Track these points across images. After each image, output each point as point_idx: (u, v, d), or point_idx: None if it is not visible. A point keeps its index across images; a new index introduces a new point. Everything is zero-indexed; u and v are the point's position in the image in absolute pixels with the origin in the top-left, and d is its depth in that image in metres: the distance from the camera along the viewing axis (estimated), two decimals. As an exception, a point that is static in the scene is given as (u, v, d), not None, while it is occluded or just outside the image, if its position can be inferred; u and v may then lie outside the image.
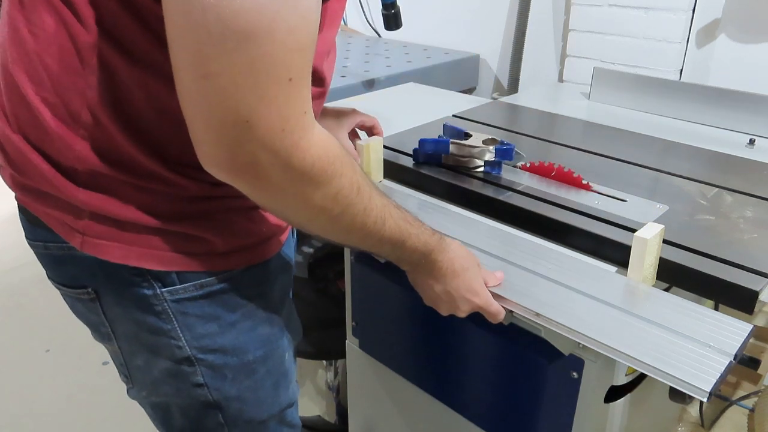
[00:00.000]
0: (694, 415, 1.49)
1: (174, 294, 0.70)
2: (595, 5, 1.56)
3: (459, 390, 1.03)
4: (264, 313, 0.77)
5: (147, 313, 0.71)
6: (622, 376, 0.86)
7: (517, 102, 1.52)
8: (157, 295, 0.70)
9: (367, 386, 1.24)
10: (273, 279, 0.78)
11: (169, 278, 0.69)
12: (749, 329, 0.70)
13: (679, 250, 0.82)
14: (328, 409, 1.56)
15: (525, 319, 0.77)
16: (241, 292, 0.74)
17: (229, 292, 0.72)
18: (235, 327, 0.74)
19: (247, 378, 0.78)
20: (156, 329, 0.72)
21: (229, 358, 0.75)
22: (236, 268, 0.72)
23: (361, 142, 1.08)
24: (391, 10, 1.52)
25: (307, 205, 0.60)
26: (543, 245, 0.90)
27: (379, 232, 0.66)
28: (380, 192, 0.67)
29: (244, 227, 0.72)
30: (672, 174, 1.06)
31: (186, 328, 0.72)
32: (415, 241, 0.70)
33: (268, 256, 0.76)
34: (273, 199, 0.60)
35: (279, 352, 0.81)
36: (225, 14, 0.47)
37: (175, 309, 0.71)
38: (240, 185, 0.57)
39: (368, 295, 1.14)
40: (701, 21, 1.45)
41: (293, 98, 0.52)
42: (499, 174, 1.04)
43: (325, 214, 0.61)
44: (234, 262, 0.72)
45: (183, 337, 0.72)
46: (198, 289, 0.71)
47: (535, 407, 0.90)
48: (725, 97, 1.31)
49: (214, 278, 0.71)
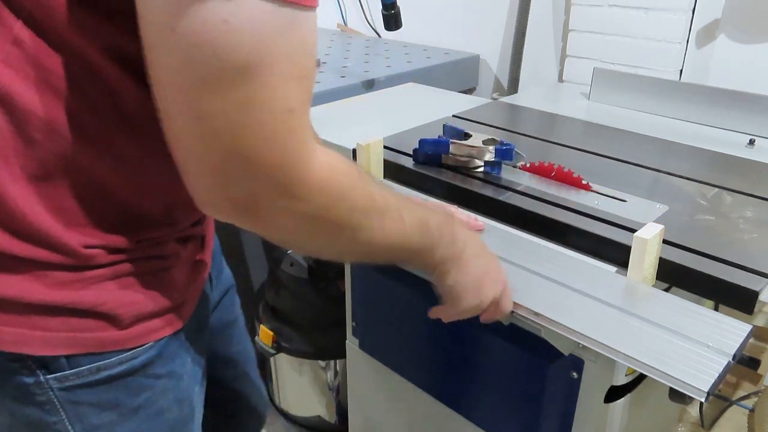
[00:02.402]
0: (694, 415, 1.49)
1: (62, 381, 0.59)
2: (595, 5, 1.56)
3: (459, 390, 1.03)
4: (173, 394, 0.67)
5: (26, 404, 0.59)
6: (622, 376, 0.86)
7: (517, 102, 1.52)
8: (39, 384, 0.58)
9: (367, 386, 1.24)
10: (184, 352, 0.68)
11: (56, 363, 0.58)
12: (748, 329, 0.70)
13: (679, 250, 0.82)
14: (328, 409, 1.56)
15: (525, 319, 0.77)
16: (147, 373, 0.63)
17: (133, 374, 0.62)
18: (138, 413, 0.64)
19: None
20: (37, 423, 0.61)
21: None
22: (140, 345, 0.61)
23: (361, 142, 1.08)
24: (391, 11, 1.52)
25: (319, 231, 0.54)
26: (543, 245, 0.90)
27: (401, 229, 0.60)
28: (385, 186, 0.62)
29: (149, 297, 0.61)
30: (672, 174, 1.06)
31: (77, 419, 0.61)
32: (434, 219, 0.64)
33: (180, 325, 0.65)
34: (282, 233, 0.54)
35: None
36: (221, 49, 0.43)
37: (63, 398, 0.59)
38: (244, 225, 0.52)
39: (368, 295, 1.14)
40: (701, 21, 1.45)
41: (295, 129, 0.48)
42: (499, 174, 1.04)
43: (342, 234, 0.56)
44: (137, 338, 0.61)
45: (72, 429, 0.61)
46: (94, 374, 0.59)
47: (535, 407, 0.90)
48: (725, 97, 1.31)
49: (115, 359, 0.60)
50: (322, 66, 1.81)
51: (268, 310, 1.51)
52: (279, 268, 1.46)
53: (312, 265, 1.44)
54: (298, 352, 1.48)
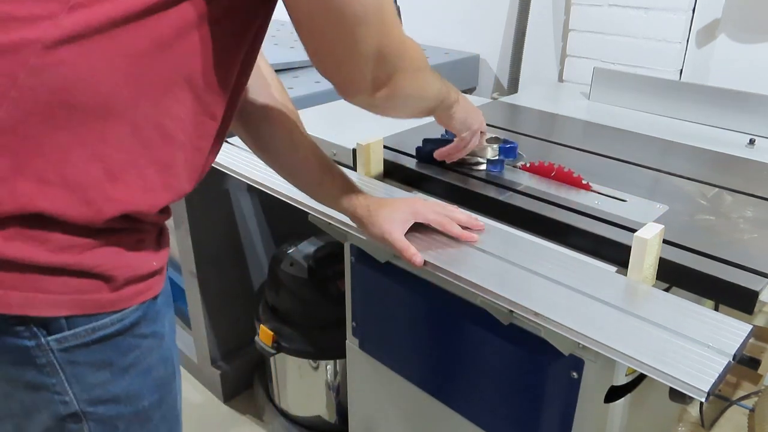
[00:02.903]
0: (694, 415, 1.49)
1: (62, 342, 0.62)
2: (595, 5, 1.56)
3: (459, 390, 1.03)
4: (158, 352, 0.72)
5: (25, 367, 0.62)
6: (622, 376, 0.86)
7: (517, 102, 1.52)
8: (40, 346, 0.62)
9: (367, 386, 1.24)
10: (163, 316, 0.73)
11: (56, 325, 0.61)
12: (748, 330, 0.70)
13: (679, 250, 0.82)
14: (328, 409, 1.56)
15: (525, 319, 0.77)
16: (135, 333, 0.68)
17: (123, 333, 0.66)
18: (129, 372, 0.68)
19: (141, 428, 0.72)
20: (35, 385, 0.64)
21: (122, 407, 0.69)
22: (129, 306, 0.66)
23: (361, 142, 1.08)
24: (391, 10, 1.52)
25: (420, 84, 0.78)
26: (543, 245, 0.90)
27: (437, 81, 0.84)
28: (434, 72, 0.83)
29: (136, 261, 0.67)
30: (672, 174, 1.06)
31: (75, 379, 0.64)
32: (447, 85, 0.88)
33: (158, 291, 0.70)
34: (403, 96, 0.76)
35: (172, 395, 0.76)
36: None
37: (62, 359, 0.63)
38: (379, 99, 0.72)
39: (368, 295, 1.14)
40: (701, 21, 1.45)
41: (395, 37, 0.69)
42: (501, 173, 1.04)
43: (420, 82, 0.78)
44: (127, 299, 0.66)
45: (71, 390, 0.65)
46: (90, 334, 0.63)
47: (535, 407, 0.90)
48: (725, 97, 1.32)
49: (107, 320, 0.64)
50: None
51: (268, 310, 1.51)
52: (279, 268, 1.46)
53: (312, 265, 1.44)
54: (298, 352, 1.47)
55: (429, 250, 0.86)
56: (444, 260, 0.85)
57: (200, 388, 1.82)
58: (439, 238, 0.89)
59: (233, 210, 1.63)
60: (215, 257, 1.61)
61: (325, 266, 1.44)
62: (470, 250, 0.87)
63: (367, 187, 0.95)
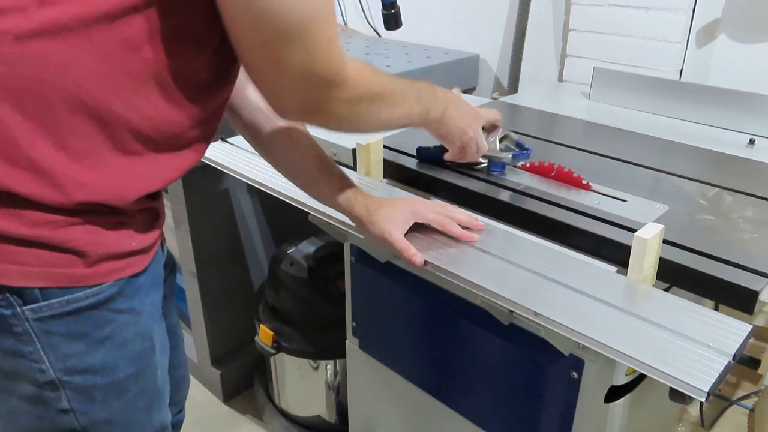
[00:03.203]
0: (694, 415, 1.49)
1: (36, 312, 0.65)
2: (595, 5, 1.56)
3: (459, 390, 1.03)
4: (135, 328, 0.74)
5: (3, 335, 0.66)
6: (622, 376, 0.86)
7: (517, 102, 1.52)
8: (16, 315, 0.65)
9: (367, 386, 1.24)
10: (144, 294, 0.75)
11: (31, 295, 0.65)
12: (749, 329, 0.70)
13: (679, 250, 0.82)
14: (328, 409, 1.56)
15: (525, 319, 0.77)
16: (110, 307, 0.70)
17: (98, 307, 0.69)
18: (104, 344, 0.71)
19: (118, 399, 0.74)
20: (14, 352, 0.67)
21: (98, 378, 0.71)
22: (104, 282, 0.69)
23: (361, 142, 1.08)
24: (391, 10, 1.52)
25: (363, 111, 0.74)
26: (543, 245, 0.90)
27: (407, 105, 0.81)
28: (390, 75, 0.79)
29: (113, 240, 0.69)
30: (672, 174, 1.06)
31: (50, 348, 0.67)
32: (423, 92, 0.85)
33: (138, 270, 0.73)
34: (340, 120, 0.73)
35: (151, 369, 0.78)
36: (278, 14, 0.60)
37: (37, 329, 0.66)
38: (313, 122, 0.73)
39: (368, 295, 1.14)
40: (701, 21, 1.45)
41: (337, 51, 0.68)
42: (501, 173, 1.04)
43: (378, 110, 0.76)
44: (101, 276, 0.69)
45: (46, 358, 0.68)
46: (64, 306, 0.67)
47: (535, 407, 0.90)
48: (725, 97, 1.31)
49: (82, 293, 0.67)
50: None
51: (268, 310, 1.51)
52: (279, 268, 1.46)
53: (312, 265, 1.44)
54: (298, 352, 1.47)
55: (429, 250, 0.86)
56: (444, 260, 0.84)
57: (200, 388, 1.82)
58: (439, 238, 0.89)
59: (233, 210, 1.63)
60: (215, 257, 1.61)
61: (325, 266, 1.44)
62: (470, 250, 0.87)
63: (366, 187, 0.95)
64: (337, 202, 0.89)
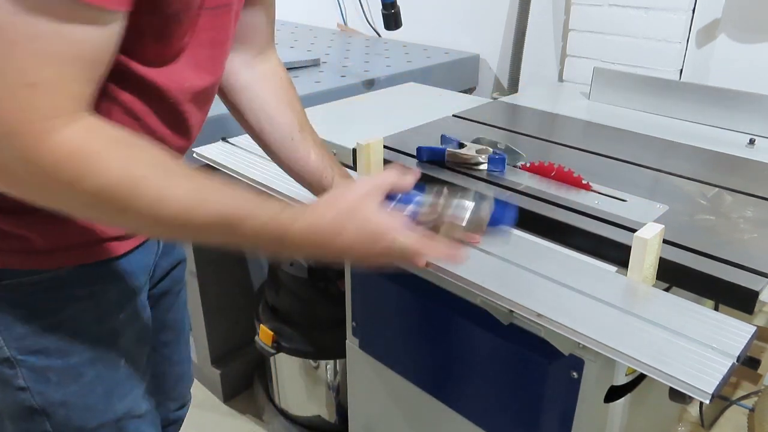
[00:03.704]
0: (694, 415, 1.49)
1: None
2: (595, 5, 1.56)
3: (459, 390, 1.03)
4: (93, 314, 0.74)
5: None
6: (622, 376, 0.86)
7: (517, 102, 1.52)
8: None
9: (367, 386, 1.24)
10: (108, 282, 0.75)
11: None
12: (752, 331, 0.70)
13: (679, 250, 0.82)
14: (328, 409, 1.56)
15: (525, 319, 0.77)
16: (67, 292, 0.71)
17: (54, 290, 0.70)
18: (60, 327, 0.72)
19: (74, 382, 0.74)
20: None
21: (52, 359, 0.72)
22: (62, 266, 0.70)
23: (361, 142, 1.08)
24: (391, 10, 1.52)
25: (71, 205, 0.55)
26: (543, 245, 0.90)
27: (187, 223, 0.57)
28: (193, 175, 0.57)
29: (72, 226, 0.69)
30: (672, 174, 1.06)
31: (4, 327, 0.69)
32: (254, 224, 0.59)
33: (101, 257, 0.73)
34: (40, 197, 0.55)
35: (112, 356, 0.78)
36: None
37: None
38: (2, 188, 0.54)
39: (368, 295, 1.14)
40: (701, 21, 1.45)
41: (34, 104, 0.49)
42: (502, 173, 1.04)
43: (100, 213, 0.56)
44: (59, 260, 0.69)
45: (1, 337, 0.70)
46: (17, 288, 0.68)
47: (535, 407, 0.90)
48: (725, 97, 1.31)
49: (37, 276, 0.68)
50: (321, 66, 1.81)
51: (268, 310, 1.51)
52: (279, 268, 1.46)
53: (312, 265, 1.44)
54: (298, 352, 1.47)
55: (429, 250, 0.86)
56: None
57: (200, 388, 1.82)
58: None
59: (233, 210, 1.63)
60: (215, 257, 1.61)
61: (325, 266, 1.44)
62: (471, 250, 0.87)
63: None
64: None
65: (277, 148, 0.89)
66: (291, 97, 0.89)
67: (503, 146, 1.09)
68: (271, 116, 0.87)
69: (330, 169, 0.88)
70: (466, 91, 1.97)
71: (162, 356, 0.99)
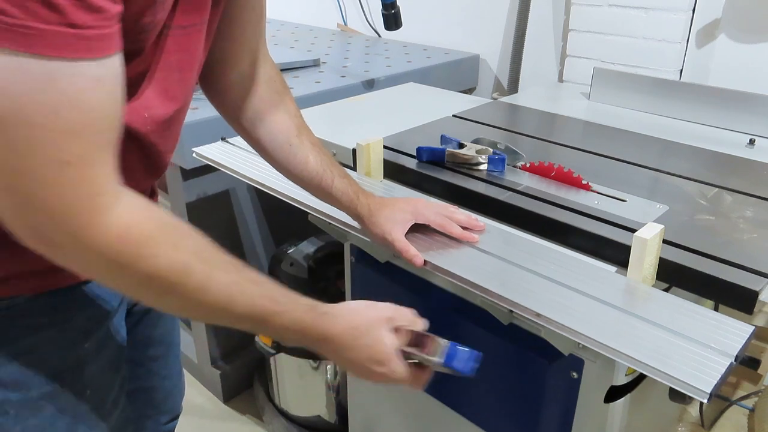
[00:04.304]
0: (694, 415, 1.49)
1: None
2: (595, 5, 1.56)
3: (459, 390, 1.03)
4: (55, 345, 0.70)
5: None
6: (622, 376, 0.86)
7: (517, 102, 1.52)
8: None
9: (367, 386, 1.24)
10: (72, 309, 0.71)
11: None
12: (751, 330, 0.70)
13: (679, 250, 0.82)
14: (328, 409, 1.56)
15: (525, 319, 0.77)
16: (25, 321, 0.67)
17: (11, 320, 0.66)
18: (17, 359, 0.68)
19: (33, 416, 0.70)
20: None
21: (9, 392, 0.68)
22: (20, 295, 0.66)
23: (361, 142, 1.08)
24: (391, 10, 1.52)
25: (122, 284, 0.56)
26: (543, 245, 0.90)
27: (225, 310, 0.60)
28: (233, 267, 0.60)
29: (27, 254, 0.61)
30: (672, 174, 1.06)
31: None
32: (282, 320, 0.63)
33: (63, 284, 0.69)
34: (87, 272, 0.56)
35: (77, 388, 0.74)
36: None
37: None
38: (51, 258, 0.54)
39: (368, 295, 1.14)
40: (701, 21, 1.45)
41: (73, 182, 0.49)
42: (502, 173, 1.04)
43: (146, 293, 0.57)
44: (16, 288, 0.65)
45: None
46: None
47: (535, 407, 0.90)
48: (725, 97, 1.31)
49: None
50: (321, 66, 1.81)
51: (268, 310, 1.51)
52: (279, 268, 1.46)
53: (312, 265, 1.44)
54: (298, 352, 1.47)
55: (429, 250, 0.86)
56: (444, 260, 0.85)
57: (200, 388, 1.82)
58: (439, 238, 0.89)
59: (233, 210, 1.63)
60: (215, 257, 1.61)
61: (325, 266, 1.44)
62: (470, 250, 0.87)
63: (367, 187, 0.95)
64: (339, 200, 0.88)
65: (275, 155, 0.87)
66: (286, 102, 0.88)
67: (503, 146, 1.09)
68: (265, 122, 0.86)
69: (329, 171, 0.88)
70: (466, 91, 1.97)
71: (151, 371, 0.97)
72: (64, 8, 0.44)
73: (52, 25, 0.44)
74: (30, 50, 0.44)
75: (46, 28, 0.44)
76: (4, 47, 0.44)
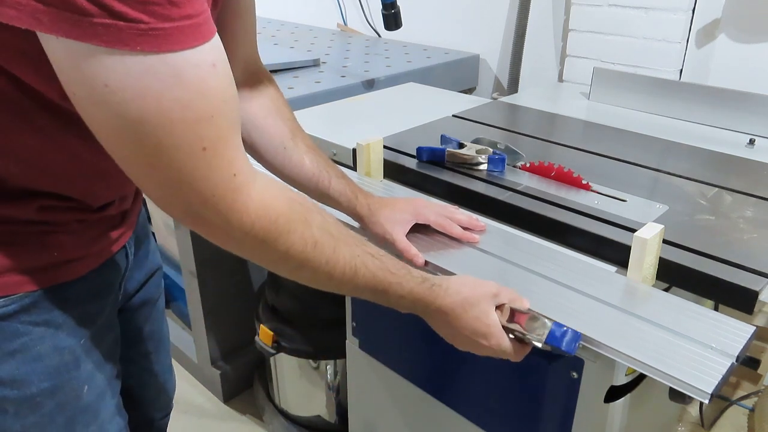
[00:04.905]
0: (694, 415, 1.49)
1: None
2: (595, 5, 1.56)
3: (459, 390, 1.03)
4: (52, 341, 0.71)
5: None
6: (622, 376, 0.86)
7: (517, 102, 1.52)
8: None
9: (367, 386, 1.24)
10: (71, 306, 0.72)
11: None
12: (752, 331, 0.70)
13: (679, 250, 0.82)
14: (328, 409, 1.56)
15: (525, 319, 0.77)
16: (22, 319, 0.68)
17: (6, 318, 0.67)
18: (15, 357, 0.68)
19: (32, 413, 0.71)
20: None
21: (7, 390, 0.69)
22: (14, 293, 0.67)
23: (361, 142, 1.08)
24: (391, 10, 1.52)
25: (262, 258, 0.62)
26: (543, 245, 0.90)
27: (351, 281, 0.67)
28: (354, 240, 0.66)
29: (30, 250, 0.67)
30: (672, 174, 1.06)
31: None
32: (399, 290, 0.70)
33: (61, 280, 0.70)
34: (232, 248, 0.61)
35: (74, 384, 0.74)
36: (114, 110, 0.49)
37: None
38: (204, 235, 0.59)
39: (368, 295, 1.14)
40: (701, 21, 1.45)
41: (214, 165, 0.54)
42: (502, 173, 1.04)
43: (283, 267, 0.63)
44: (10, 287, 0.66)
45: None
46: None
47: (535, 407, 0.90)
48: (725, 97, 1.31)
49: None
50: (321, 66, 1.81)
51: (268, 310, 1.51)
52: (279, 268, 1.46)
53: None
54: (298, 352, 1.47)
55: (430, 250, 0.86)
56: (445, 260, 0.85)
57: (200, 388, 1.82)
58: (439, 238, 0.89)
59: (233, 210, 1.63)
60: (215, 257, 1.61)
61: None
62: (471, 250, 0.88)
63: (367, 187, 0.95)
64: (338, 201, 0.88)
65: (270, 158, 0.87)
66: (279, 106, 0.88)
67: (503, 146, 1.09)
68: (259, 128, 0.85)
69: (326, 172, 0.88)
70: (466, 91, 1.97)
71: (142, 368, 0.98)
72: (180, 1, 0.47)
73: (176, 21, 0.47)
74: (159, 49, 0.47)
75: (171, 26, 0.47)
76: (138, 51, 0.46)
